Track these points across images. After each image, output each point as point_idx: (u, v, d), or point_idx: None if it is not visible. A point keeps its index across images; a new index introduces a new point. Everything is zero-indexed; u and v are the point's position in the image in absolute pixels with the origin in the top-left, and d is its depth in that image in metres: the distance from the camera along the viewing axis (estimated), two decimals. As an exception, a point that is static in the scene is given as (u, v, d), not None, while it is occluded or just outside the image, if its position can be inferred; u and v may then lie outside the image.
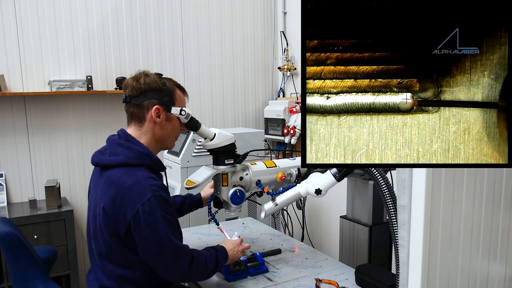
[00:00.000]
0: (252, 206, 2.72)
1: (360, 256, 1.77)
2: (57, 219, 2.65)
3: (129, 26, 3.16)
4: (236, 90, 3.68)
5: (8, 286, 2.47)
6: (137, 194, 1.27)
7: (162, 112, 1.41)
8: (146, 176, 1.32)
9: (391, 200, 1.21)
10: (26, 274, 1.65)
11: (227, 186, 1.62)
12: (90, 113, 3.09)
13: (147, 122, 1.41)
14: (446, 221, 0.94)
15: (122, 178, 1.31)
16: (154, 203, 1.27)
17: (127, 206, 1.27)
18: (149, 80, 1.39)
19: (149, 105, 1.39)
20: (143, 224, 1.26)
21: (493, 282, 1.08)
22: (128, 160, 1.35)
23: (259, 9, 3.70)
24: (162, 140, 1.46)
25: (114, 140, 1.42)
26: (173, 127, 1.47)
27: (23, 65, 2.85)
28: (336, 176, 1.47)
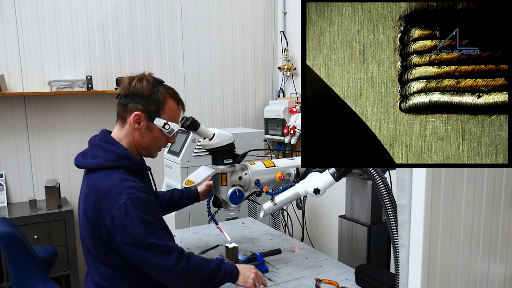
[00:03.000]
0: (252, 206, 2.72)
1: (359, 255, 1.77)
2: (57, 219, 2.65)
3: (129, 26, 3.16)
4: (236, 90, 3.68)
5: (8, 286, 2.47)
6: (113, 198, 1.26)
7: (143, 119, 1.38)
8: (122, 179, 1.30)
9: (389, 200, 1.21)
10: (26, 274, 1.65)
11: (226, 185, 1.62)
12: (90, 113, 3.09)
13: (128, 125, 1.40)
14: (446, 221, 0.94)
15: (100, 182, 1.30)
16: (130, 206, 1.24)
17: (105, 211, 1.26)
18: (139, 85, 1.37)
19: (132, 109, 1.38)
20: (120, 228, 1.24)
21: (493, 282, 1.08)
22: (106, 163, 1.33)
23: (259, 9, 3.70)
24: (141, 147, 1.43)
25: (95, 142, 1.41)
26: (153, 138, 1.42)
27: (23, 65, 2.85)
28: (334, 175, 1.47)
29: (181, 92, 3.58)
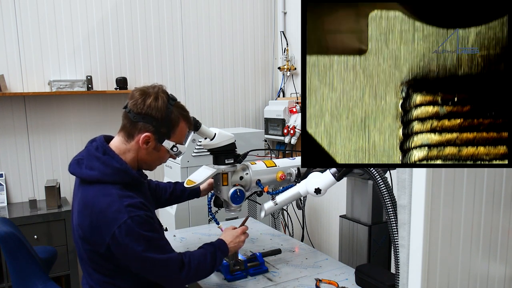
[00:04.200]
0: (252, 206, 2.72)
1: (359, 255, 1.77)
2: (57, 219, 2.65)
3: (129, 26, 3.16)
4: (236, 90, 3.68)
5: (8, 286, 2.47)
6: (112, 217, 1.23)
7: (152, 141, 1.35)
8: (121, 195, 1.26)
9: (389, 200, 1.21)
10: (26, 274, 1.65)
11: (227, 185, 1.62)
12: (90, 113, 3.09)
13: (134, 142, 1.35)
14: (446, 221, 0.94)
15: (97, 198, 1.27)
16: (130, 225, 1.23)
17: (104, 230, 1.24)
18: (155, 104, 1.31)
19: (142, 129, 1.33)
20: (122, 245, 1.23)
21: (493, 282, 1.08)
22: (103, 177, 1.29)
23: (259, 9, 3.70)
24: (145, 163, 1.42)
25: (91, 151, 1.35)
26: (159, 157, 1.41)
27: (23, 65, 2.85)
28: (335, 175, 1.47)
29: (181, 92, 3.61)
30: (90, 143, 1.40)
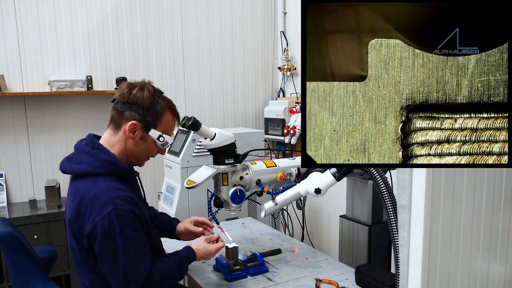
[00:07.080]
0: (252, 206, 2.72)
1: (359, 255, 1.77)
2: (57, 219, 2.65)
3: (129, 26, 3.16)
4: (236, 90, 3.68)
5: (8, 286, 2.47)
6: (98, 207, 1.23)
7: (139, 129, 1.37)
8: (110, 187, 1.27)
9: (389, 200, 1.21)
10: (25, 274, 1.65)
11: (227, 185, 1.62)
12: (90, 113, 3.09)
13: (121, 132, 1.38)
14: (446, 221, 0.94)
15: (86, 189, 1.28)
16: (114, 217, 1.22)
17: (88, 219, 1.24)
18: (140, 94, 1.36)
19: (129, 118, 1.36)
20: (100, 239, 1.23)
21: (493, 282, 1.08)
22: (93, 170, 1.31)
23: (259, 9, 3.70)
24: (132, 156, 1.42)
25: (81, 147, 1.38)
26: (147, 148, 1.42)
27: (23, 65, 2.85)
28: (335, 175, 1.47)
29: (181, 92, 3.61)
30: (80, 141, 1.43)
